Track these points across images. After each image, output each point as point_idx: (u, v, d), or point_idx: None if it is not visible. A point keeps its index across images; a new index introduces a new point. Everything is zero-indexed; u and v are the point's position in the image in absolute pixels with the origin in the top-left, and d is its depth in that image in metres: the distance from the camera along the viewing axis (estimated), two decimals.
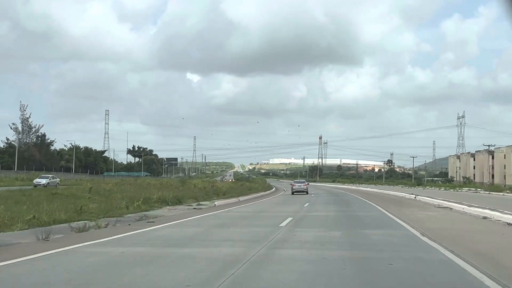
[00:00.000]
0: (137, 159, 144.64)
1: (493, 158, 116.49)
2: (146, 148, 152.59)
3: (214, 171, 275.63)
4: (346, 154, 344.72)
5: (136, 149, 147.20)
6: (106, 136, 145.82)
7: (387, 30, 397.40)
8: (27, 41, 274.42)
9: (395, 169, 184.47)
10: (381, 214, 16.74)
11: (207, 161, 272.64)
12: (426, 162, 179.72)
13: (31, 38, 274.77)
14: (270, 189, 63.05)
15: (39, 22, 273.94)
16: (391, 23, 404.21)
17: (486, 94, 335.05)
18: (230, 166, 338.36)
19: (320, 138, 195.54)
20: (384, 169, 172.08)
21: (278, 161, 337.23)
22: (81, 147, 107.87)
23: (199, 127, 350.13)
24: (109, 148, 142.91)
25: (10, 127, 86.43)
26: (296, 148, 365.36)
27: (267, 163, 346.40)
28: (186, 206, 22.84)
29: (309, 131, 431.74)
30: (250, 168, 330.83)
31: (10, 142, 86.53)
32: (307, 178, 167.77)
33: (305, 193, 43.36)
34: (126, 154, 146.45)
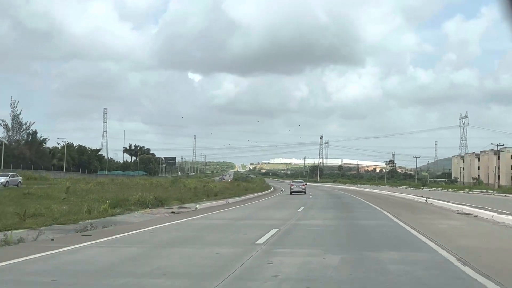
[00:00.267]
0: (134, 158, 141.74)
1: (499, 159, 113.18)
2: (143, 147, 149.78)
3: (215, 171, 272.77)
4: (347, 154, 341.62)
5: (132, 148, 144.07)
6: (105, 134, 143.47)
7: (389, 30, 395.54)
8: (28, 40, 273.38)
9: (397, 169, 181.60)
10: (392, 224, 13.22)
11: (208, 160, 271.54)
12: (429, 163, 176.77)
13: (32, 37, 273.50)
14: (267, 189, 59.85)
15: (41, 21, 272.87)
16: (393, 23, 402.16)
17: (488, 95, 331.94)
18: (231, 166, 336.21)
19: (321, 138, 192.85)
20: (385, 169, 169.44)
21: (279, 161, 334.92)
22: (74, 146, 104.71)
23: (200, 127, 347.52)
24: (107, 147, 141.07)
25: (0, 124, 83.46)
26: (297, 148, 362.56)
27: (268, 163, 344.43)
28: (165, 209, 19.97)
29: (310, 131, 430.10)
30: (251, 168, 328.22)
31: None
32: (308, 179, 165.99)
33: (303, 193, 43.54)
34: (123, 153, 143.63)
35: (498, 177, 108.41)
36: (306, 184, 53.03)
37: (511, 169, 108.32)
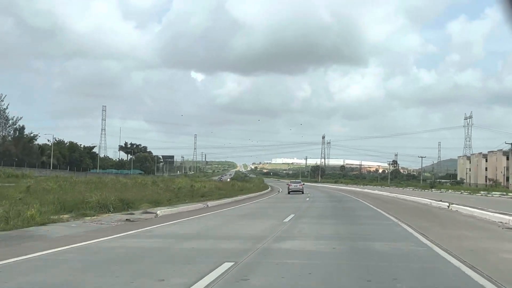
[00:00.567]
0: (130, 156, 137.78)
1: (508, 159, 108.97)
2: (139, 145, 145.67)
3: (216, 170, 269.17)
4: (350, 155, 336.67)
5: (128, 145, 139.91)
6: (103, 132, 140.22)
7: (393, 30, 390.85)
8: (31, 37, 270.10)
9: (399, 170, 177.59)
10: (424, 251, 8.24)
11: (210, 160, 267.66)
12: (433, 163, 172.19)
13: (35, 34, 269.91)
14: (264, 189, 57.30)
15: (43, 19, 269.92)
16: (397, 24, 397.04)
17: (491, 96, 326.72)
18: (233, 165, 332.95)
19: (323, 137, 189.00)
20: (388, 170, 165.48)
21: (281, 161, 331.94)
22: (65, 142, 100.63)
23: (202, 126, 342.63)
24: (105, 144, 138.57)
25: None
26: (299, 147, 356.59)
27: (270, 163, 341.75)
28: (125, 215, 16.20)
29: (312, 131, 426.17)
30: (253, 167, 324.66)
31: None
32: (309, 179, 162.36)
33: (300, 192, 45.79)
34: (118, 151, 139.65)
35: (507, 178, 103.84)
36: (304, 184, 55.05)
37: None
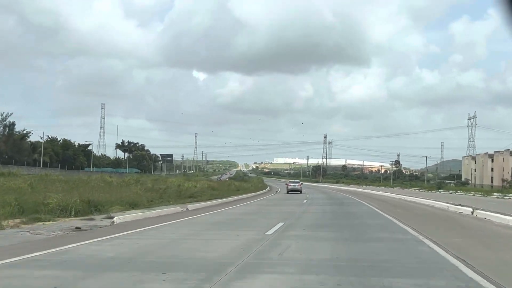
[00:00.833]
0: (127, 155, 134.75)
1: None
2: (137, 143, 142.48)
3: (217, 170, 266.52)
4: (351, 155, 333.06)
5: (126, 144, 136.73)
6: (102, 130, 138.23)
7: (395, 30, 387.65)
8: (33, 36, 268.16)
9: (402, 170, 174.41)
10: None
11: (212, 159, 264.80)
12: (437, 163, 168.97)
13: (37, 33, 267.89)
14: (262, 189, 55.45)
15: (46, 17, 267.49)
16: (399, 24, 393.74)
17: (494, 97, 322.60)
18: (234, 165, 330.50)
19: (324, 137, 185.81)
20: (391, 170, 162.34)
21: (282, 160, 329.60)
22: (59, 140, 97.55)
23: (204, 126, 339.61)
24: (104, 143, 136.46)
25: None
26: (300, 147, 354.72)
27: (271, 163, 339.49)
28: (81, 221, 13.83)
29: (314, 131, 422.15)
30: (254, 167, 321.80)
31: None
32: (310, 179, 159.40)
33: (299, 192, 46.90)
34: (115, 149, 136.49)
35: None
36: (302, 184, 56.69)
37: None
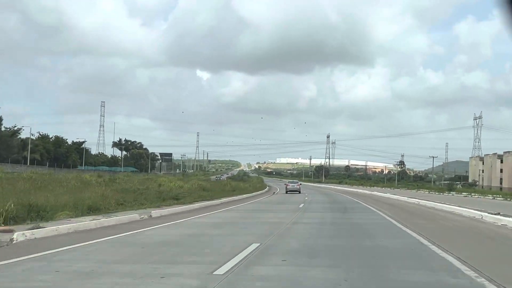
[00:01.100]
0: (124, 153, 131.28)
1: None
2: (134, 141, 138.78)
3: (219, 169, 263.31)
4: (355, 155, 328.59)
5: (123, 142, 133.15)
6: (102, 128, 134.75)
7: (400, 30, 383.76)
8: (36, 34, 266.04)
9: (406, 171, 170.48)
10: None
11: (214, 159, 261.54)
12: (443, 163, 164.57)
13: (41, 31, 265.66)
14: (260, 189, 53.76)
15: (49, 16, 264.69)
16: (404, 24, 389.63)
17: (499, 98, 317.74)
18: (236, 164, 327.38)
19: (327, 137, 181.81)
20: (395, 171, 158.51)
21: (285, 160, 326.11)
22: (50, 137, 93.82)
23: (207, 125, 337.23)
24: (103, 141, 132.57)
25: None
26: (303, 147, 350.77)
27: (274, 163, 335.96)
28: None
29: (317, 131, 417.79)
30: (256, 167, 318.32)
31: None
32: (312, 179, 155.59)
33: (297, 192, 47.66)
34: (112, 147, 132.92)
35: None
36: (301, 184, 58.30)
37: None
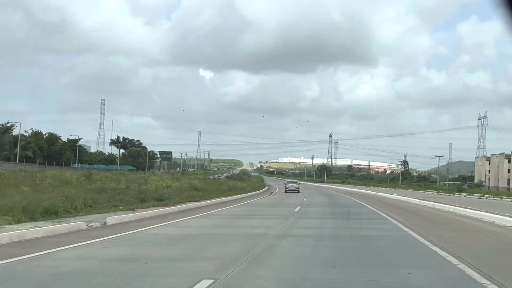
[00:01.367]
0: (122, 151, 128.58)
1: None
2: (133, 139, 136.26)
3: (221, 168, 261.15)
4: (357, 155, 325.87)
5: (121, 140, 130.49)
6: (101, 126, 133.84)
7: (403, 31, 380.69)
8: (40, 32, 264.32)
9: (409, 171, 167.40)
10: None
11: (216, 158, 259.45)
12: (447, 163, 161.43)
13: (44, 29, 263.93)
14: (258, 189, 52.72)
15: (52, 14, 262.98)
16: (407, 24, 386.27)
17: (502, 98, 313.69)
18: (239, 163, 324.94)
19: (330, 136, 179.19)
20: (399, 171, 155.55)
21: (288, 160, 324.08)
22: (44, 134, 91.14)
23: (210, 124, 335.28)
24: (103, 139, 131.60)
25: None
26: (306, 146, 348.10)
27: (276, 162, 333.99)
28: None
29: (320, 131, 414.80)
30: (259, 166, 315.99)
31: None
32: (314, 179, 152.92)
33: (296, 191, 47.74)
34: (109, 145, 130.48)
35: None
36: (300, 183, 59.13)
37: None
